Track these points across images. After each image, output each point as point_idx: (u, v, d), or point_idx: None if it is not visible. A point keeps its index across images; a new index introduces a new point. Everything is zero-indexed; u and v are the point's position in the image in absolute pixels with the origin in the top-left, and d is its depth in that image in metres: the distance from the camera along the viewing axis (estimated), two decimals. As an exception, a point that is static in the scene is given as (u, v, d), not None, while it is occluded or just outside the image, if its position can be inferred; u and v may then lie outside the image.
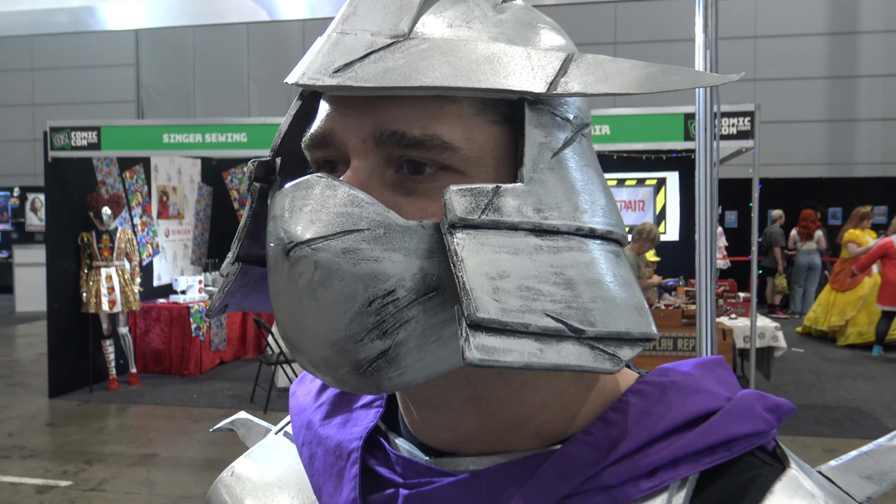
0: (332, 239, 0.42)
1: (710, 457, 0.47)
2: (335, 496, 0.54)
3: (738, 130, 5.73)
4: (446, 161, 0.44)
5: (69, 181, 7.07)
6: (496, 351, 0.40)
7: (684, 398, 0.50)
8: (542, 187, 0.44)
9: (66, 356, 7.09)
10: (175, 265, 8.89)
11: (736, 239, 11.54)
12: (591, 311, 0.42)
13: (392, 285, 0.42)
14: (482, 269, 0.41)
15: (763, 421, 0.49)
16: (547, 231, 0.43)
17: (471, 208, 0.42)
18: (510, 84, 0.44)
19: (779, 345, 6.43)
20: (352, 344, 0.43)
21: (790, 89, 13.31)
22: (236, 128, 6.55)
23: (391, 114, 0.44)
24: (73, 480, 4.84)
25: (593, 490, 0.46)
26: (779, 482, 0.46)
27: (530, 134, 0.44)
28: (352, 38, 0.45)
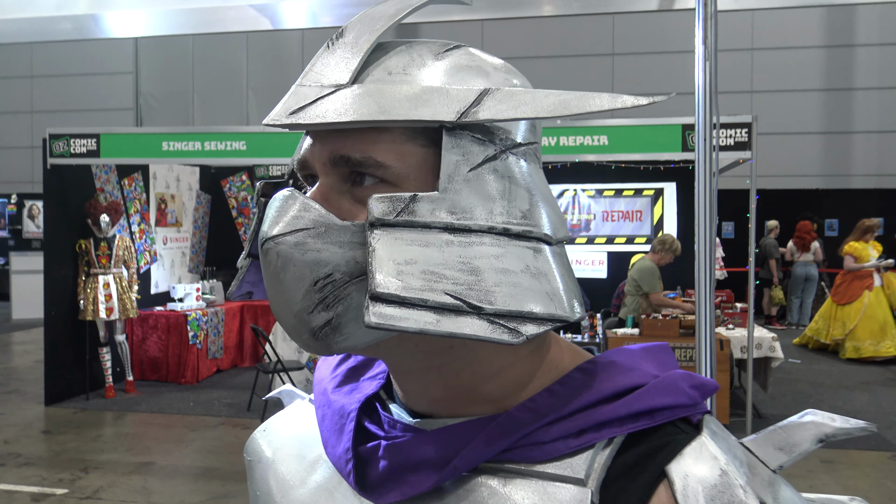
0: (288, 235, 0.56)
1: (633, 423, 0.56)
2: (336, 447, 0.67)
3: (735, 141, 5.76)
4: (382, 176, 0.57)
5: (68, 188, 7.08)
6: (392, 318, 0.51)
7: (618, 375, 0.60)
8: (457, 195, 0.55)
9: (63, 364, 7.07)
10: (173, 273, 8.88)
11: (733, 249, 11.57)
12: (492, 293, 0.53)
13: (330, 269, 0.55)
14: (391, 256, 0.52)
15: (686, 395, 0.58)
16: (459, 229, 0.54)
17: (387, 211, 0.54)
18: (423, 115, 0.55)
19: (776, 355, 6.44)
20: (306, 314, 0.56)
21: (787, 101, 13.37)
22: (235, 136, 6.56)
23: (340, 142, 0.57)
24: (70, 488, 4.82)
25: (529, 445, 0.57)
26: (688, 446, 0.54)
27: (446, 153, 0.56)
28: (306, 89, 0.59)
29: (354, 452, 0.64)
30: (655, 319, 6.14)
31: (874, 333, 8.79)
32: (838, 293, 9.20)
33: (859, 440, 5.83)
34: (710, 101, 2.17)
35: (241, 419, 6.44)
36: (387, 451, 0.61)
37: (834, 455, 5.48)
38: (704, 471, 0.53)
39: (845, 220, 12.09)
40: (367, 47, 0.59)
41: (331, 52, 0.60)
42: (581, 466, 0.55)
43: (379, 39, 0.60)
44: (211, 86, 14.74)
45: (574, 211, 9.32)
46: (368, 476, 0.63)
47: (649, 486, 0.53)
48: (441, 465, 0.58)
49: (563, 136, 6.08)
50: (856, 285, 8.96)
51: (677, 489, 0.52)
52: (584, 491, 0.54)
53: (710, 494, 0.51)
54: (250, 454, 0.80)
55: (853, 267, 8.91)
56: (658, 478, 0.53)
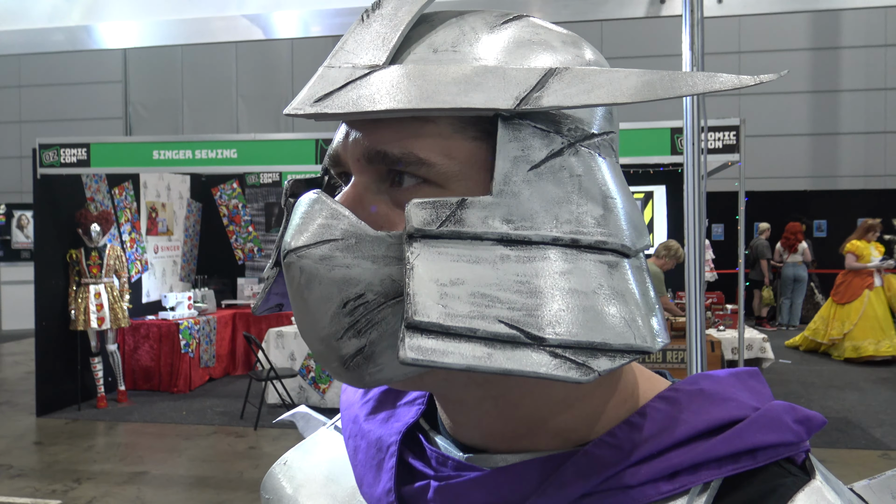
0: (312, 247, 0.48)
1: (733, 464, 0.48)
2: (374, 486, 0.57)
3: (723, 144, 5.81)
4: (425, 175, 0.48)
5: (58, 198, 7.06)
6: (433, 352, 0.43)
7: (711, 405, 0.51)
8: (515, 199, 0.46)
9: (55, 374, 7.04)
10: (164, 282, 8.86)
11: (723, 251, 11.64)
12: (557, 320, 0.44)
13: (362, 289, 0.47)
14: (432, 276, 0.44)
15: (791, 432, 0.50)
16: (516, 241, 0.45)
17: (429, 220, 0.45)
18: (473, 102, 0.46)
19: (766, 356, 6.49)
20: (335, 340, 0.48)
21: (774, 104, 13.48)
22: (226, 144, 6.57)
23: (378, 135, 0.49)
24: (63, 499, 4.80)
25: (612, 490, 0.49)
26: (801, 492, 0.47)
27: (503, 149, 0.47)
28: (335, 71, 0.50)
29: (398, 494, 0.56)
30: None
31: (874, 333, 8.71)
32: (838, 292, 9.11)
33: (850, 439, 5.88)
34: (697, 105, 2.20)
35: (235, 427, 6.43)
36: (438, 494, 0.53)
37: (825, 454, 5.53)
38: None
39: (833, 220, 12.19)
40: (409, 19, 0.50)
41: (365, 27, 0.51)
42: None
43: (423, 10, 0.51)
44: (200, 94, 14.73)
45: (565, 215, 9.36)
46: None
47: None
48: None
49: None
50: (856, 284, 8.87)
51: None
52: None
53: None
54: (269, 492, 0.71)
55: (855, 266, 8.86)
56: None
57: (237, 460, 5.54)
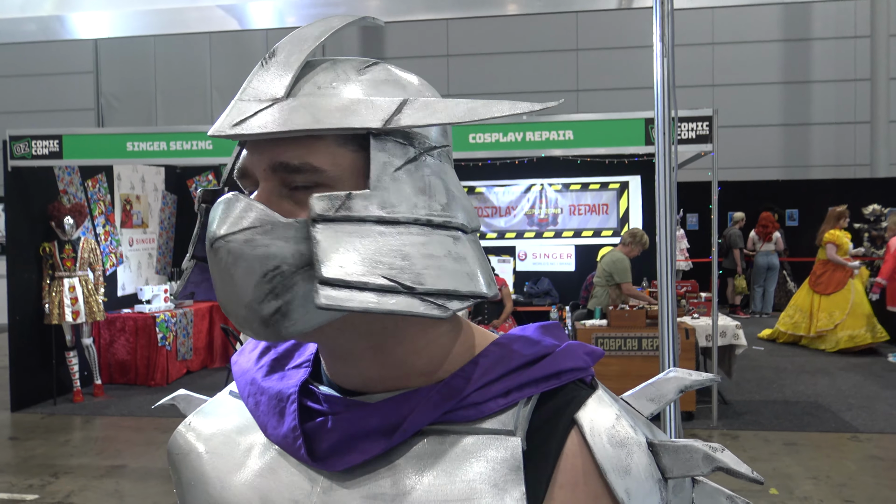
0: (238, 233, 0.61)
1: (545, 383, 0.68)
2: (278, 428, 0.71)
3: (697, 135, 5.89)
4: (317, 180, 0.64)
5: (30, 190, 6.97)
6: (339, 299, 0.58)
7: (528, 346, 0.72)
8: (386, 192, 0.63)
9: (29, 369, 6.96)
10: (140, 274, 8.79)
11: (697, 241, 11.78)
12: (422, 275, 0.61)
13: (278, 262, 0.61)
14: (333, 247, 0.60)
15: (582, 360, 0.71)
16: (389, 221, 0.62)
17: (327, 207, 0.61)
18: (353, 123, 0.63)
19: (739, 343, 6.60)
20: (257, 304, 0.62)
21: (747, 94, 13.64)
22: (201, 136, 6.52)
23: (279, 150, 0.64)
24: (40, 493, 4.77)
25: (465, 406, 0.67)
26: (590, 399, 0.68)
27: (375, 156, 0.64)
28: (246, 103, 0.65)
29: (302, 429, 0.69)
30: (623, 311, 6.26)
31: (868, 319, 8.72)
32: (820, 283, 9.04)
33: (820, 422, 6.01)
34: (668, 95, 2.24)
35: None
36: (336, 423, 0.68)
37: (796, 437, 5.65)
38: (604, 416, 0.66)
39: (805, 209, 12.38)
40: (298, 65, 0.66)
41: (265, 70, 0.67)
42: (510, 421, 0.66)
43: (307, 58, 0.67)
44: (174, 86, 14.56)
45: (541, 205, 9.41)
46: (318, 448, 0.68)
47: (564, 431, 0.66)
48: (390, 430, 0.66)
49: (528, 132, 6.15)
50: (839, 275, 8.86)
51: (586, 432, 0.65)
52: (515, 440, 0.65)
53: (610, 433, 0.65)
54: (176, 449, 0.81)
55: (836, 259, 8.83)
56: (570, 424, 0.66)
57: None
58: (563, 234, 9.40)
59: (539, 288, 9.18)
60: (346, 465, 0.67)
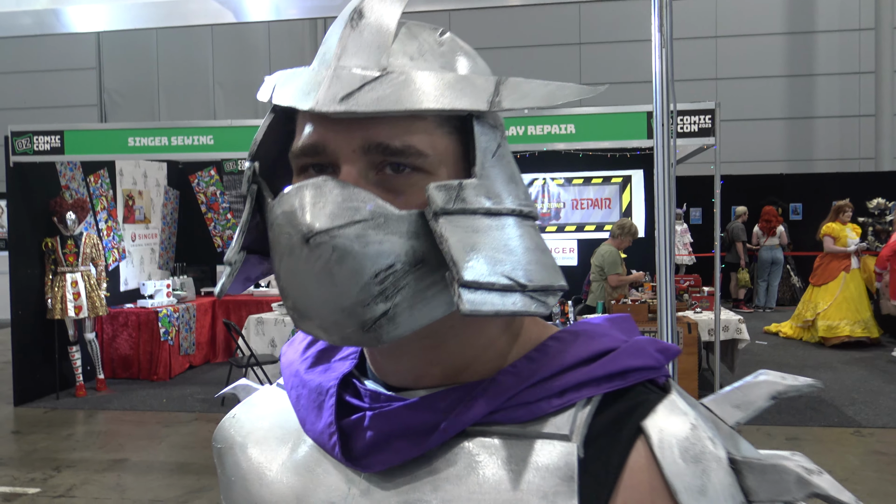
0: (346, 227, 0.54)
1: (608, 383, 0.61)
2: (316, 423, 0.67)
3: (699, 128, 5.86)
4: (419, 164, 0.58)
5: (32, 186, 6.97)
6: (478, 303, 0.54)
7: (591, 340, 0.64)
8: (489, 180, 0.59)
9: (32, 363, 6.98)
10: (142, 270, 8.80)
11: (701, 235, 11.75)
12: (529, 271, 0.58)
13: (392, 261, 0.55)
14: (460, 244, 0.55)
15: (653, 358, 0.63)
16: (494, 213, 0.58)
17: (447, 199, 0.56)
18: (464, 105, 0.57)
19: (742, 337, 6.58)
20: (361, 307, 0.55)
21: (750, 87, 13.59)
22: (203, 130, 6.52)
23: (376, 130, 0.57)
24: (42, 487, 4.78)
25: (515, 406, 0.60)
26: (661, 404, 0.59)
27: (479, 140, 0.59)
28: (348, 73, 0.58)
29: (338, 426, 0.65)
30: (625, 305, 6.24)
31: (849, 313, 8.71)
32: (815, 275, 9.12)
33: (823, 417, 6.00)
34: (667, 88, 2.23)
35: (216, 414, 6.42)
36: (373, 421, 0.62)
37: (799, 432, 5.64)
38: (677, 425, 0.58)
39: (809, 203, 12.34)
40: (393, 31, 0.59)
41: (358, 34, 0.59)
42: (565, 424, 0.59)
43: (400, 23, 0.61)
44: (176, 81, 14.56)
45: (544, 199, 9.39)
46: (354, 447, 0.63)
47: (629, 440, 0.58)
48: (429, 430, 0.60)
49: (530, 126, 6.13)
50: (833, 266, 8.88)
51: (654, 442, 0.57)
52: (570, 446, 0.58)
53: (683, 446, 0.57)
54: (220, 441, 0.79)
55: (834, 249, 8.87)
56: (636, 433, 0.58)
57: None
58: (566, 228, 9.37)
59: (541, 282, 9.14)
60: (381, 467, 0.62)
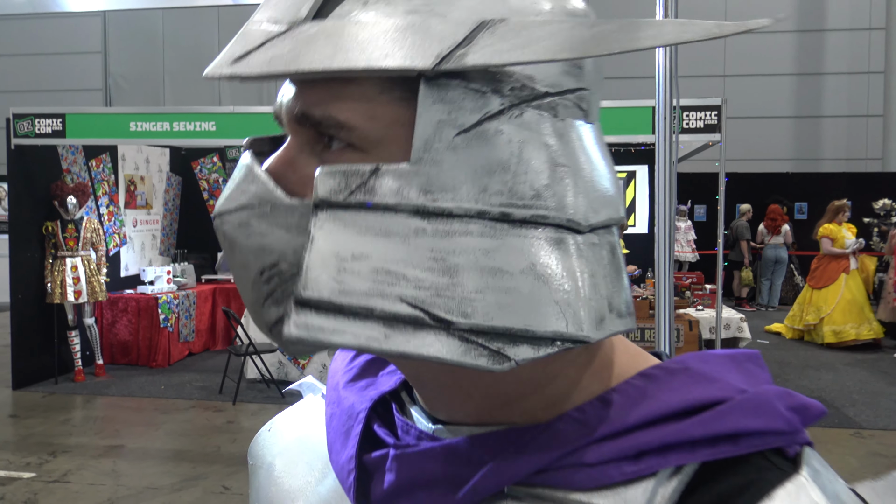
0: (234, 213, 0.46)
1: (709, 449, 0.43)
2: (340, 453, 0.56)
3: (704, 124, 5.81)
4: (346, 139, 0.44)
5: (33, 169, 6.95)
6: (321, 330, 0.41)
7: (693, 385, 0.46)
8: (436, 167, 0.42)
9: (31, 347, 6.98)
10: (143, 255, 8.79)
11: (705, 232, 11.70)
12: (470, 301, 0.40)
13: (276, 258, 0.44)
14: (333, 249, 0.41)
15: (782, 419, 0.44)
16: (434, 213, 0.41)
17: (337, 189, 0.42)
18: (388, 63, 0.41)
19: (743, 336, 6.56)
20: (258, 307, 0.45)
21: (758, 85, 13.51)
22: (205, 116, 6.48)
23: (304, 97, 0.45)
24: (37, 472, 4.78)
25: (571, 466, 0.44)
26: (781, 488, 0.41)
27: (423, 113, 0.42)
28: (255, 29, 0.46)
29: (359, 462, 0.53)
30: (626, 301, 6.21)
31: (854, 317, 8.60)
32: (814, 277, 9.02)
33: (824, 418, 5.94)
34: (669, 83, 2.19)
35: (213, 402, 6.42)
36: (395, 462, 0.50)
37: (798, 433, 5.60)
38: None
39: (815, 203, 12.27)
40: None
41: None
42: (639, 500, 0.43)
43: None
44: (182, 66, 14.52)
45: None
46: (373, 491, 0.52)
47: None
48: (459, 483, 0.47)
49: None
50: (832, 268, 8.79)
51: None
52: None
53: None
54: (253, 458, 0.70)
55: (832, 251, 8.75)
56: None
57: (215, 434, 5.53)
58: (569, 222, 9.34)
59: (543, 277, 9.13)
60: None
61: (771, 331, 9.77)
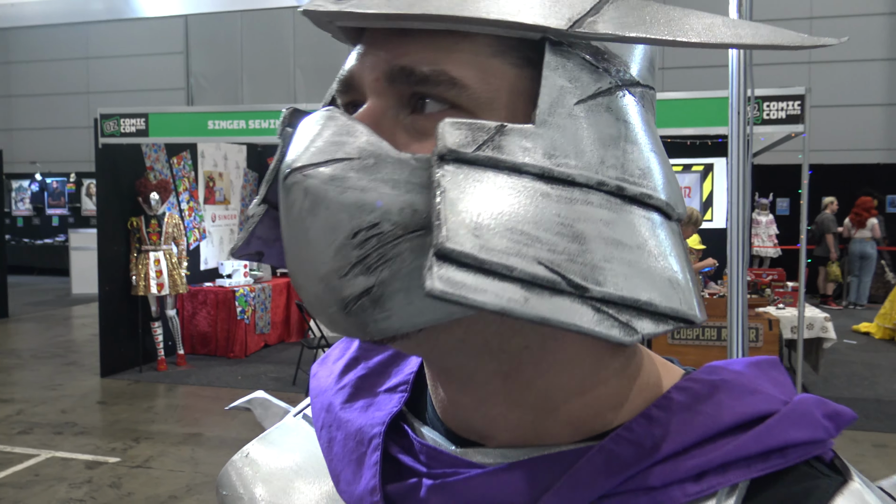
0: (322, 166, 0.41)
1: (762, 463, 0.43)
2: (353, 484, 0.51)
3: (787, 115, 5.56)
4: (454, 99, 0.42)
5: (119, 167, 7.27)
6: (465, 287, 0.36)
7: (736, 399, 0.46)
8: (559, 132, 0.40)
9: (117, 337, 7.31)
10: (221, 250, 9.07)
11: (788, 227, 11.24)
12: (601, 270, 0.39)
13: (377, 217, 0.40)
14: (466, 203, 0.38)
15: (822, 428, 0.45)
16: (559, 179, 0.40)
17: (466, 142, 0.39)
18: (523, 18, 0.41)
19: (828, 336, 6.25)
20: (337, 279, 0.41)
21: (847, 71, 12.85)
22: (278, 114, 6.57)
23: (403, 49, 0.43)
24: (121, 457, 5.00)
25: (633, 491, 0.43)
26: (840, 496, 0.42)
27: (549, 76, 0.41)
28: None
29: (384, 493, 0.50)
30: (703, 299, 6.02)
31: None
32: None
33: (915, 424, 5.64)
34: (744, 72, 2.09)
35: (287, 393, 6.57)
36: (433, 493, 0.47)
37: (888, 439, 5.32)
38: None
39: (908, 195, 11.62)
40: None
41: None
42: None
43: None
44: (259, 65, 14.91)
45: (620, 187, 9.18)
46: None
47: None
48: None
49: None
50: None
51: None
52: None
53: None
54: (226, 487, 0.64)
55: None
56: None
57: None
58: (643, 217, 9.14)
59: (616, 272, 8.97)
60: None
61: (859, 330, 9.30)
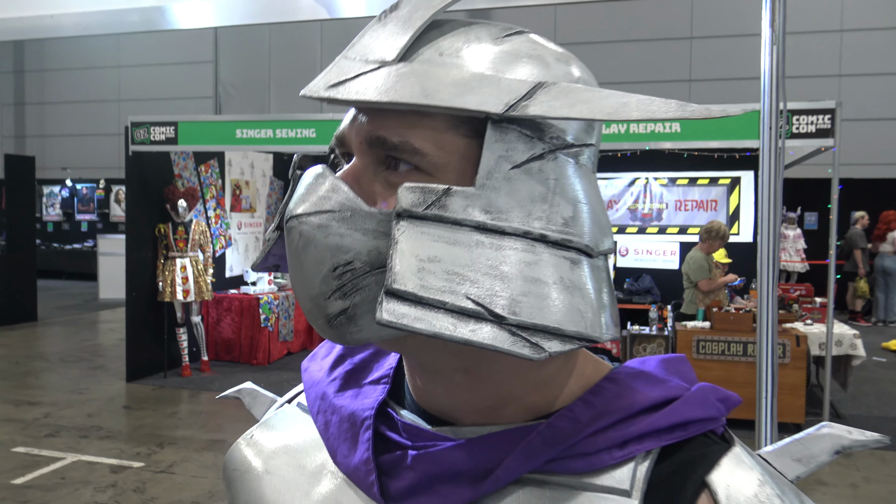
0: (312, 216, 0.54)
1: (669, 434, 0.57)
2: (349, 457, 0.63)
3: (817, 128, 5.49)
4: (417, 163, 0.54)
5: (148, 174, 7.37)
6: (405, 317, 0.49)
7: (651, 387, 0.60)
8: (494, 193, 0.52)
9: (143, 342, 7.39)
10: (247, 257, 9.15)
11: (816, 241, 11.08)
12: (518, 303, 0.50)
13: (351, 257, 0.53)
14: (413, 251, 0.50)
15: (715, 409, 0.59)
16: (491, 230, 0.51)
17: (416, 202, 0.51)
18: (468, 103, 0.52)
19: (857, 353, 6.14)
20: (322, 300, 0.54)
21: (878, 85, 12.66)
22: (306, 123, 6.68)
23: (379, 122, 0.55)
24: (146, 462, 5.05)
25: (573, 456, 0.56)
26: (725, 457, 0.55)
27: (489, 147, 0.53)
28: (349, 63, 0.57)
29: (376, 462, 0.61)
30: (728, 313, 5.95)
31: None
32: None
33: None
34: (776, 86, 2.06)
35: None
36: (417, 461, 0.59)
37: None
38: (744, 481, 0.54)
39: (940, 211, 11.38)
40: (421, 24, 0.56)
41: (381, 26, 0.58)
42: (625, 478, 0.55)
43: (435, 16, 0.57)
44: (287, 74, 15.05)
45: (645, 200, 9.10)
46: (392, 487, 0.60)
47: (692, 495, 0.54)
48: (479, 476, 0.57)
49: (633, 124, 5.93)
50: None
51: (720, 499, 0.53)
52: (630, 502, 0.54)
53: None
54: (235, 464, 0.74)
55: None
56: (700, 488, 0.54)
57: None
58: (668, 230, 9.05)
59: (640, 285, 8.89)
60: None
61: (888, 348, 9.13)
